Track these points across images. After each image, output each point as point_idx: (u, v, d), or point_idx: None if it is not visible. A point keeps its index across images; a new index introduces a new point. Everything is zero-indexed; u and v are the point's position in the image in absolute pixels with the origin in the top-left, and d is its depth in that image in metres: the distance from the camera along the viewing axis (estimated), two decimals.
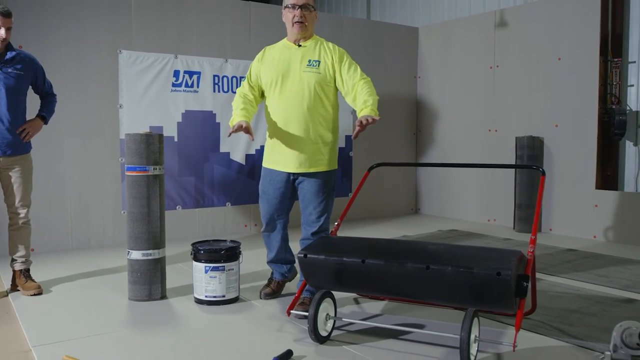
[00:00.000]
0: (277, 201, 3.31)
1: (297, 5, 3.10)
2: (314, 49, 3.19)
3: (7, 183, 3.57)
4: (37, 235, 4.80)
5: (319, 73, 3.13)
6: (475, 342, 2.49)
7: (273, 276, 3.56)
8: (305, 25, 3.13)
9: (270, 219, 3.36)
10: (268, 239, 3.44)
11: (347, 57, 3.21)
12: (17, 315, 3.20)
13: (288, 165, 3.20)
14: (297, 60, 3.15)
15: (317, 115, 3.16)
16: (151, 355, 2.62)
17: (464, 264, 2.53)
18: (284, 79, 3.14)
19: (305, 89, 3.11)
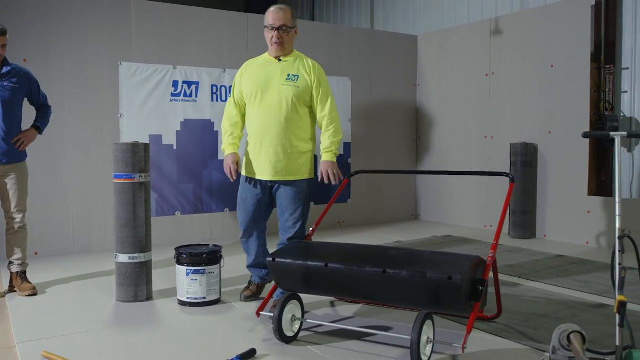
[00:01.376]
0: (255, 208, 3.45)
1: (274, 27, 3.25)
2: (293, 64, 3.34)
3: (4, 190, 3.78)
4: (41, 239, 5.06)
5: (298, 87, 3.29)
6: (429, 344, 2.59)
7: (252, 279, 3.69)
8: (282, 45, 3.28)
9: (248, 226, 3.49)
10: (247, 244, 3.58)
11: (324, 83, 3.39)
12: (9, 315, 3.40)
13: (266, 173, 3.36)
14: (276, 74, 3.30)
15: (293, 127, 3.32)
16: (125, 352, 2.78)
17: (418, 268, 2.64)
18: (264, 92, 3.29)
19: (283, 101, 3.27)
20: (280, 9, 3.28)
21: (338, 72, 6.73)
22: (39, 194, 5.02)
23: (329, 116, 3.40)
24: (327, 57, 6.64)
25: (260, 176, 3.39)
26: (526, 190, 5.87)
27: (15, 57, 4.69)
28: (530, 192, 5.89)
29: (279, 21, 3.24)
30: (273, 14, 3.27)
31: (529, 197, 5.88)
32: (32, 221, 4.87)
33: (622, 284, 2.19)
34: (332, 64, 6.68)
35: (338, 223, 6.85)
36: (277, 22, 3.25)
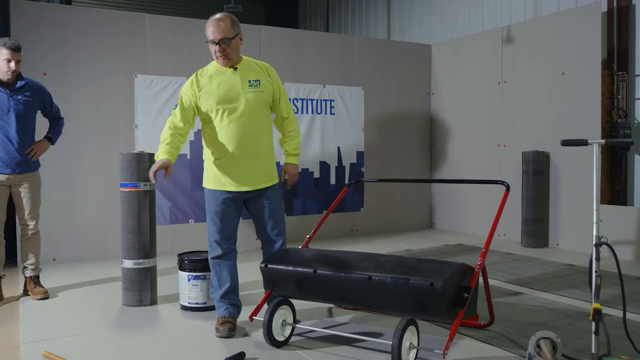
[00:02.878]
0: (234, 223, 3.27)
1: (215, 41, 3.10)
2: (248, 70, 3.24)
3: (18, 198, 3.97)
4: (59, 246, 5.26)
5: (263, 92, 3.22)
6: (412, 349, 2.63)
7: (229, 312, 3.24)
8: (227, 57, 3.15)
9: (228, 244, 3.24)
10: (221, 268, 3.24)
11: (281, 84, 3.36)
12: (20, 316, 3.56)
13: (245, 183, 3.20)
14: (238, 83, 3.18)
15: (265, 132, 3.27)
16: (120, 353, 2.89)
17: (402, 274, 2.68)
18: (230, 103, 3.16)
19: (251, 109, 3.18)
20: (219, 20, 3.12)
21: (351, 82, 6.81)
22: (57, 202, 5.22)
23: (291, 118, 3.37)
24: (339, 67, 6.74)
25: (239, 188, 3.20)
26: (538, 199, 5.82)
27: (35, 70, 4.95)
28: (542, 200, 5.84)
29: (219, 34, 3.09)
30: (212, 28, 3.11)
31: (541, 205, 5.83)
32: (50, 229, 5.10)
33: (597, 292, 2.19)
34: (345, 74, 6.77)
35: (351, 231, 6.90)
36: (217, 36, 3.09)
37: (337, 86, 6.72)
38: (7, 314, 3.67)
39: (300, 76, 6.48)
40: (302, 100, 6.51)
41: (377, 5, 9.21)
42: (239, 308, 3.31)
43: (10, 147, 3.83)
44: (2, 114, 3.80)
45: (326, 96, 6.66)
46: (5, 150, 3.82)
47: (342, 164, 6.81)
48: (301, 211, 6.56)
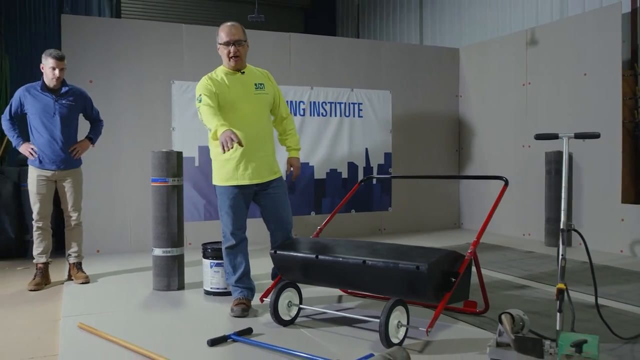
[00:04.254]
0: (245, 215, 3.55)
1: (230, 42, 3.42)
2: (254, 75, 3.58)
3: (62, 192, 4.42)
4: (102, 239, 5.73)
5: (267, 94, 3.57)
6: (400, 328, 2.85)
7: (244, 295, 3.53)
8: (240, 58, 3.47)
9: (241, 236, 3.53)
10: (236, 256, 3.54)
11: (278, 88, 3.71)
12: (63, 296, 4.00)
13: (256, 177, 3.46)
14: (246, 86, 3.49)
15: (269, 130, 3.62)
16: (144, 326, 3.25)
17: (393, 259, 2.92)
18: (240, 103, 3.45)
19: (258, 109, 3.51)
20: (232, 26, 3.46)
21: (378, 85, 7.05)
22: (100, 198, 5.70)
23: (289, 118, 3.73)
24: (367, 71, 6.99)
25: (253, 180, 3.45)
26: (560, 199, 5.87)
27: (83, 77, 5.46)
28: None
29: (234, 36, 3.42)
30: (227, 31, 3.44)
31: None
32: (95, 222, 5.58)
33: (562, 273, 2.37)
34: (373, 78, 7.02)
35: (379, 230, 7.12)
36: (233, 37, 3.42)
37: (364, 90, 6.98)
38: (53, 294, 4.12)
39: (328, 81, 6.77)
40: (331, 103, 6.80)
41: (410, 12, 9.41)
42: (252, 291, 3.59)
43: (55, 146, 4.29)
44: (49, 116, 4.27)
45: (354, 99, 6.93)
46: (51, 149, 4.28)
47: (369, 164, 7.05)
48: (329, 209, 6.83)
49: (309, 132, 6.67)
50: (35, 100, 4.25)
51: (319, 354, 2.69)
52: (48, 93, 4.28)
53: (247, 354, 2.82)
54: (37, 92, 4.27)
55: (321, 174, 6.78)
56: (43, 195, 4.32)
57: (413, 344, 2.90)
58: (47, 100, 4.27)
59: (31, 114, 4.26)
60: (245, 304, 3.47)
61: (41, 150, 4.28)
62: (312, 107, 6.70)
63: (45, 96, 4.27)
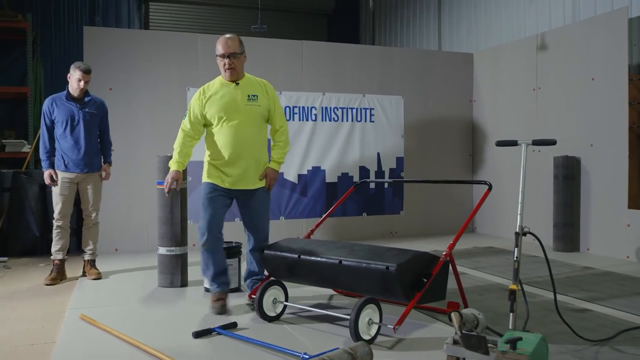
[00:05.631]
0: (222, 213, 3.72)
1: (225, 55, 3.61)
2: (249, 86, 3.73)
3: (83, 192, 4.74)
4: (120, 238, 6.04)
5: (259, 105, 3.72)
6: (371, 325, 2.99)
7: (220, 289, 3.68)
8: (235, 70, 3.64)
9: (216, 231, 3.65)
10: (212, 251, 3.64)
11: (277, 99, 3.86)
12: (73, 291, 4.29)
13: (237, 184, 3.67)
14: (238, 97, 3.67)
15: (259, 140, 3.77)
16: (141, 318, 3.49)
17: (366, 259, 3.06)
18: (231, 113, 3.64)
19: (249, 120, 3.67)
20: (229, 38, 3.64)
21: (390, 91, 7.17)
22: (119, 200, 6.01)
23: (282, 129, 3.85)
24: (379, 77, 7.12)
25: (235, 186, 3.67)
26: (568, 203, 5.88)
27: (103, 85, 5.80)
28: (573, 205, 5.89)
29: (229, 49, 3.60)
30: (223, 44, 3.62)
31: (571, 210, 5.88)
32: (113, 223, 5.89)
33: (516, 275, 2.47)
34: (385, 84, 7.14)
35: (390, 234, 7.22)
36: (227, 50, 3.60)
37: (376, 95, 7.10)
38: (65, 288, 4.42)
39: (340, 86, 6.93)
40: (342, 109, 6.96)
41: (429, 18, 9.48)
42: (228, 285, 3.80)
43: (79, 152, 4.63)
44: (73, 124, 4.62)
45: (366, 105, 7.07)
46: (74, 153, 4.62)
47: (381, 168, 7.16)
48: (341, 213, 6.98)
49: (321, 136, 6.84)
50: (61, 109, 4.61)
51: (293, 348, 2.85)
52: (72, 102, 4.63)
53: (225, 345, 3.02)
54: (62, 101, 4.64)
55: (333, 178, 6.94)
56: (65, 196, 4.64)
57: (384, 341, 3.03)
58: (71, 109, 4.62)
59: (57, 122, 4.62)
60: (223, 299, 3.64)
61: (65, 154, 4.62)
62: (324, 112, 6.88)
63: (70, 105, 4.63)
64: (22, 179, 5.93)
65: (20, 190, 5.90)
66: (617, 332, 3.12)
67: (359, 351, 2.58)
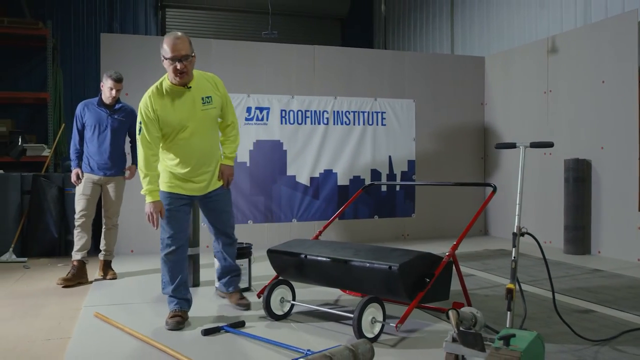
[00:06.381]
0: (186, 220, 3.61)
1: (176, 57, 3.24)
2: (200, 87, 3.45)
3: (106, 195, 4.89)
4: (136, 240, 6.18)
5: (215, 107, 3.49)
6: (374, 324, 3.06)
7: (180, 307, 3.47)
8: (187, 74, 3.32)
9: (182, 241, 3.52)
10: (176, 262, 3.47)
11: (227, 94, 3.63)
12: (89, 290, 4.43)
13: (204, 188, 3.56)
14: (192, 102, 3.40)
15: (215, 144, 3.64)
16: (151, 318, 3.60)
17: (370, 259, 3.14)
18: (187, 122, 3.38)
19: (205, 125, 3.47)
20: (178, 39, 3.27)
21: (402, 94, 7.23)
22: (135, 202, 6.13)
23: (233, 123, 3.69)
24: (390, 81, 7.19)
25: (196, 192, 3.54)
26: (578, 206, 5.88)
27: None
28: (584, 207, 5.89)
29: (181, 51, 3.23)
30: (173, 46, 3.24)
31: (581, 212, 5.88)
32: (130, 225, 6.03)
33: (513, 274, 2.52)
34: (396, 87, 7.21)
35: (402, 236, 7.27)
36: (179, 53, 3.24)
37: (388, 99, 7.17)
38: (81, 288, 4.57)
39: (352, 90, 7.01)
40: (354, 112, 7.03)
41: (441, 22, 9.53)
42: (189, 302, 3.54)
43: (104, 155, 4.77)
44: (101, 129, 4.78)
45: (377, 108, 7.14)
46: (101, 157, 4.77)
47: (393, 172, 7.22)
48: (352, 215, 7.06)
49: (332, 140, 6.93)
50: (91, 114, 4.79)
51: (298, 345, 2.94)
52: (103, 108, 4.80)
53: (232, 342, 3.11)
54: (94, 106, 4.82)
55: (344, 181, 7.01)
56: (88, 197, 4.79)
57: (388, 340, 3.10)
58: (101, 115, 4.79)
59: (87, 126, 4.80)
60: (181, 316, 3.40)
61: (92, 157, 4.78)
62: (335, 116, 6.96)
63: (101, 111, 4.79)
64: (41, 182, 6.11)
65: (40, 193, 6.07)
66: (619, 332, 3.14)
67: (361, 348, 2.66)
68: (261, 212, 6.69)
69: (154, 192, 3.41)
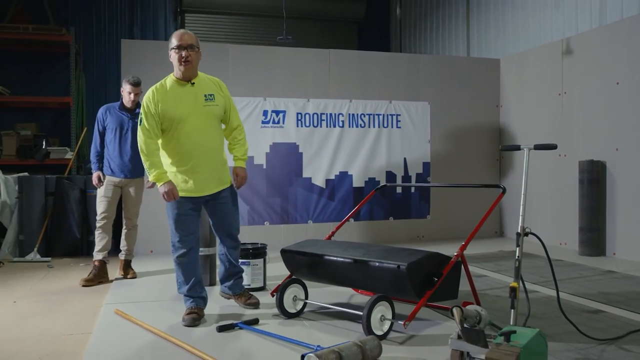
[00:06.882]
0: (196, 224, 3.66)
1: (182, 46, 3.40)
2: (205, 85, 3.57)
3: (126, 196, 5.03)
4: (155, 240, 6.33)
5: (217, 105, 3.56)
6: (384, 321, 3.13)
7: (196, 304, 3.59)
8: (191, 63, 3.44)
9: (193, 244, 3.62)
10: (189, 264, 3.59)
11: (231, 98, 3.73)
12: (110, 289, 4.58)
13: (205, 189, 3.57)
14: (194, 97, 3.49)
15: (219, 141, 3.66)
16: (168, 315, 3.73)
17: (379, 259, 3.22)
18: (189, 117, 3.46)
19: (207, 121, 3.53)
20: (185, 32, 3.49)
21: (417, 97, 7.29)
22: (154, 203, 6.27)
23: (240, 127, 3.75)
24: (405, 83, 7.25)
25: (200, 193, 3.57)
26: (593, 208, 5.88)
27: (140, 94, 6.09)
28: (599, 209, 5.88)
29: (186, 41, 3.42)
30: (178, 36, 3.43)
31: (596, 214, 5.88)
32: (149, 225, 6.18)
33: (517, 273, 2.58)
34: (411, 90, 7.27)
35: (417, 237, 7.32)
36: (186, 42, 3.42)
37: (403, 102, 7.24)
38: (102, 286, 4.72)
39: (367, 93, 7.09)
40: (369, 115, 7.11)
41: (457, 25, 9.56)
42: (204, 300, 3.65)
43: (125, 158, 4.91)
44: (122, 132, 4.93)
45: (392, 111, 7.20)
46: (121, 159, 4.92)
47: (408, 173, 7.28)
48: (368, 217, 7.14)
49: (348, 142, 7.01)
50: (113, 117, 4.94)
51: (308, 341, 3.03)
52: (124, 112, 4.95)
53: (245, 338, 3.23)
54: (115, 110, 4.97)
55: (360, 183, 7.09)
56: (109, 199, 4.95)
57: (397, 337, 3.18)
58: (122, 118, 4.94)
59: (108, 129, 4.95)
60: (196, 313, 3.51)
61: (112, 159, 4.93)
62: (350, 119, 7.05)
63: (122, 114, 4.95)
64: (64, 184, 6.30)
65: (63, 195, 6.27)
66: (627, 332, 3.18)
67: (368, 344, 2.74)
68: (277, 213, 6.80)
69: (162, 174, 3.46)
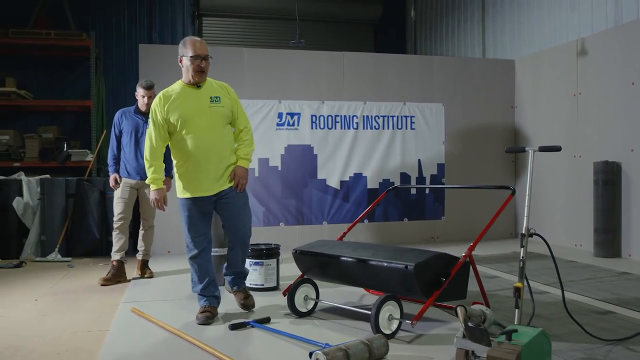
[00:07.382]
0: (207, 224, 3.73)
1: (200, 56, 3.57)
2: (211, 88, 3.69)
3: (142, 198, 5.15)
4: (172, 241, 6.44)
5: (223, 107, 3.65)
6: (391, 321, 3.19)
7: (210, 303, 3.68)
8: (205, 73, 3.64)
9: (205, 244, 3.72)
10: (202, 265, 3.70)
11: (238, 100, 3.81)
12: (128, 288, 4.70)
13: (212, 188, 3.63)
14: (200, 99, 3.61)
15: (225, 142, 3.69)
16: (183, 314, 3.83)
17: (387, 259, 3.27)
18: (194, 117, 3.57)
19: (214, 122, 3.61)
20: (200, 42, 3.64)
21: (431, 98, 7.32)
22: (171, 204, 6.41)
23: (247, 128, 3.81)
24: (419, 85, 7.29)
25: (208, 192, 3.64)
26: (608, 209, 5.85)
27: None
28: (614, 210, 5.85)
29: (205, 51, 3.62)
30: (199, 45, 3.60)
31: (611, 215, 5.85)
32: (166, 226, 6.30)
33: (521, 273, 2.62)
34: (425, 92, 7.30)
35: (432, 239, 7.34)
36: (204, 52, 3.61)
37: (417, 103, 7.27)
38: (120, 285, 4.85)
39: (381, 95, 7.14)
40: (383, 117, 7.16)
41: (473, 26, 9.55)
42: (218, 299, 3.74)
43: (141, 160, 5.00)
44: (138, 135, 5.05)
45: (406, 113, 7.24)
46: (137, 161, 5.03)
47: (422, 175, 7.31)
48: (382, 218, 7.18)
49: (362, 144, 7.07)
50: (129, 121, 5.08)
51: (317, 340, 3.10)
52: (139, 115, 5.08)
53: (257, 336, 3.31)
54: (131, 114, 5.11)
55: (374, 184, 7.14)
56: (125, 200, 5.08)
57: (405, 336, 3.23)
58: (137, 121, 5.06)
59: (124, 133, 5.09)
60: (210, 312, 3.61)
61: (128, 162, 5.06)
62: (365, 120, 7.10)
63: (137, 118, 5.07)
64: (84, 185, 6.47)
65: (83, 196, 6.43)
66: (635, 333, 3.18)
67: (375, 342, 2.80)
68: (292, 214, 6.88)
69: (157, 180, 3.67)
